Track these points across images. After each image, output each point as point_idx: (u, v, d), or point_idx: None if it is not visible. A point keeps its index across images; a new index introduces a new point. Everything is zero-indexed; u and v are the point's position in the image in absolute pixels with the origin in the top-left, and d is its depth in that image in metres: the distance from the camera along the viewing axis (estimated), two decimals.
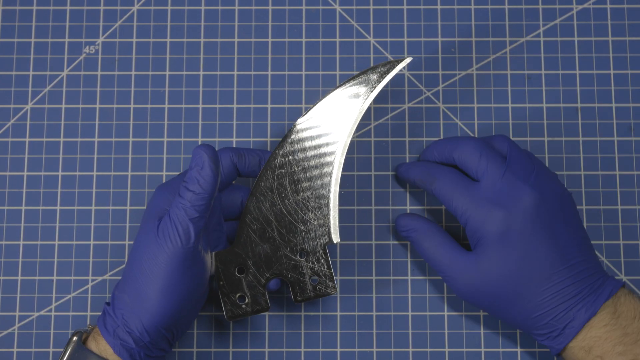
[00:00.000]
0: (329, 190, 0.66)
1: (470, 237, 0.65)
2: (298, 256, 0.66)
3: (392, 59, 0.68)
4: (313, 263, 0.65)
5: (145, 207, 0.72)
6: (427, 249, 0.67)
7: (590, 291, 0.62)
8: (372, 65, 0.74)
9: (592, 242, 0.70)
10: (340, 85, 0.67)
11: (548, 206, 0.63)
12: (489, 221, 0.63)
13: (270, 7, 0.75)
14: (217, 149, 0.73)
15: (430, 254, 0.67)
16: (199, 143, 0.73)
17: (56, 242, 0.72)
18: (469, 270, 0.64)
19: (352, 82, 0.67)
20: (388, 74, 0.67)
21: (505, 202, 0.63)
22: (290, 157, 0.66)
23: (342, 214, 0.72)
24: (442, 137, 0.73)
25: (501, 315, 0.65)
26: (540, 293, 0.62)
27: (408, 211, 0.72)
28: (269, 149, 0.73)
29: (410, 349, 0.70)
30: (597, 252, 0.70)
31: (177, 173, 0.72)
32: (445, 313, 0.71)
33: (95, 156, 0.73)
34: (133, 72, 0.74)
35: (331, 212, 0.66)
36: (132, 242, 0.72)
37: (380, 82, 0.67)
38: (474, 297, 0.65)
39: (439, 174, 0.67)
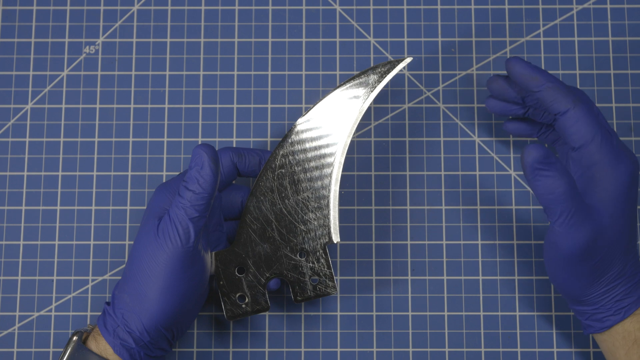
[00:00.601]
0: (329, 190, 0.66)
1: (593, 183, 0.61)
2: (298, 256, 0.66)
3: (392, 59, 0.68)
4: (313, 263, 0.65)
5: (145, 207, 0.72)
6: (564, 186, 0.58)
7: None
8: (372, 65, 0.74)
9: None
10: (340, 86, 0.67)
11: None
12: (621, 168, 0.61)
13: (270, 7, 0.75)
14: (217, 149, 0.73)
15: (565, 190, 0.58)
16: (199, 143, 0.73)
17: (56, 242, 0.72)
18: (592, 217, 0.60)
19: (352, 83, 0.67)
20: (388, 74, 0.67)
21: (632, 159, 0.62)
22: (290, 157, 0.66)
23: (342, 214, 0.72)
24: (442, 137, 0.73)
25: (591, 275, 0.61)
26: (631, 257, 0.62)
27: (408, 211, 0.72)
28: (269, 149, 0.73)
29: (410, 349, 0.70)
30: None
31: (177, 173, 0.72)
32: (445, 313, 0.71)
33: (96, 156, 0.73)
34: (133, 72, 0.75)
35: (331, 212, 0.66)
36: (132, 242, 0.72)
37: (380, 82, 0.67)
38: (583, 249, 0.60)
39: (582, 97, 0.63)
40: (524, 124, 0.70)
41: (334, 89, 0.67)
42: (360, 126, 0.73)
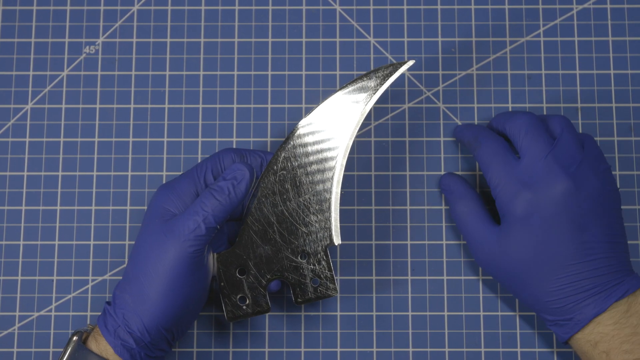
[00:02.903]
0: (330, 192, 0.66)
1: (499, 211, 0.65)
2: (299, 258, 0.66)
3: (392, 60, 0.68)
4: (314, 265, 0.65)
5: (145, 207, 0.72)
6: (458, 214, 0.68)
7: (605, 288, 0.62)
8: (372, 65, 0.74)
9: None
10: (342, 88, 0.67)
11: (581, 199, 0.62)
12: (515, 201, 0.63)
13: (270, 7, 0.75)
14: (217, 149, 0.73)
15: (459, 219, 0.68)
16: (199, 143, 0.73)
17: (56, 242, 0.72)
18: (490, 243, 0.65)
19: (354, 85, 0.67)
20: (390, 76, 0.67)
21: (536, 185, 0.63)
22: (292, 159, 0.66)
23: (342, 214, 0.72)
24: (442, 137, 0.73)
25: (515, 293, 0.66)
26: (553, 281, 0.62)
27: (408, 211, 0.72)
28: (269, 149, 0.73)
29: (410, 349, 0.70)
30: None
31: (177, 173, 0.72)
32: (445, 313, 0.71)
33: (96, 156, 0.73)
34: (133, 72, 0.74)
35: (332, 214, 0.66)
36: (132, 242, 0.72)
37: (382, 85, 0.66)
38: (492, 270, 0.66)
39: (485, 140, 0.67)
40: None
41: (336, 91, 0.66)
42: (360, 126, 0.73)
